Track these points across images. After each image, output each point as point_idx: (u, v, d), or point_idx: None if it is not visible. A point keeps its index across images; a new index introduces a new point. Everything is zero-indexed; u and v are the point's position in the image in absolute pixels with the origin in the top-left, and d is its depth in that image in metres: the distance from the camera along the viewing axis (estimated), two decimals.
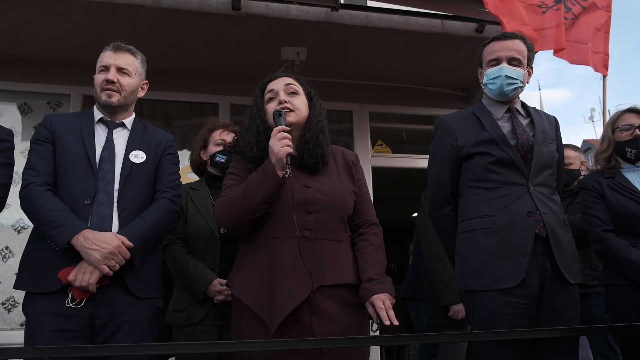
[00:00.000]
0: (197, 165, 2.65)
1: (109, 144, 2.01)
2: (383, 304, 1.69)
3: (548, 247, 1.95)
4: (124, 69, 2.08)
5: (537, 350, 1.93)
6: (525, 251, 1.92)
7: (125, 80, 2.07)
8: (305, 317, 1.66)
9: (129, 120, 2.12)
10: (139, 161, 2.02)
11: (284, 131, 1.75)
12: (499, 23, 4.13)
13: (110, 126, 2.07)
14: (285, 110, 1.84)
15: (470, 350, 3.37)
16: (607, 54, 3.64)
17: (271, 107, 1.89)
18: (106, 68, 2.06)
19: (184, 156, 4.47)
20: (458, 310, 3.24)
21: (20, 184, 1.92)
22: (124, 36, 2.28)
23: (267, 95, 1.92)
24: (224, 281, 2.31)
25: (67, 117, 2.08)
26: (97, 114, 2.08)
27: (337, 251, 1.80)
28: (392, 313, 1.69)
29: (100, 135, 2.04)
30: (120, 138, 2.06)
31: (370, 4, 4.24)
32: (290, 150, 1.72)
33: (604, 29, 3.69)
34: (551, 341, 1.89)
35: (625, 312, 2.09)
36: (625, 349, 2.12)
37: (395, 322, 1.66)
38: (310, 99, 1.97)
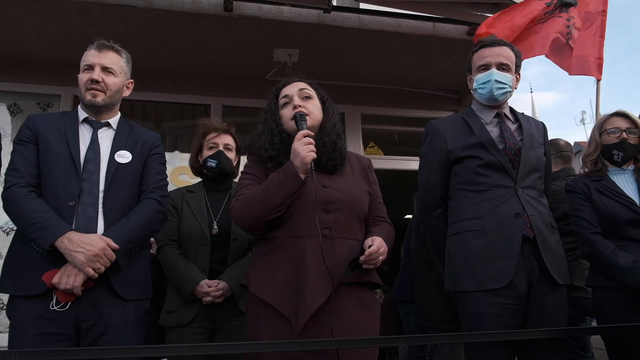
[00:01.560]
0: (196, 169, 2.66)
1: (94, 144, 1.97)
2: (378, 246, 1.75)
3: (535, 248, 1.99)
4: (108, 68, 2.03)
5: (525, 350, 1.96)
6: (513, 252, 1.95)
7: (110, 80, 2.03)
8: (324, 315, 1.68)
9: (114, 120, 2.08)
10: (125, 161, 1.98)
11: (308, 136, 1.78)
12: None
13: (95, 126, 2.02)
14: (304, 112, 1.86)
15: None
16: (601, 58, 3.64)
17: (286, 112, 1.91)
18: (90, 67, 2.01)
19: (174, 158, 4.47)
20: None
21: (4, 184, 1.88)
22: (115, 37, 2.27)
23: (282, 100, 1.95)
24: (212, 282, 2.33)
25: (50, 117, 2.03)
26: (82, 114, 2.04)
27: (354, 250, 1.82)
28: (378, 260, 1.76)
29: (84, 135, 1.99)
30: (106, 138, 2.02)
31: (362, 6, 4.26)
32: (315, 155, 1.75)
33: (599, 33, 3.70)
34: (539, 341, 1.91)
35: (612, 314, 2.10)
36: (612, 350, 2.14)
37: (371, 266, 1.77)
38: (323, 102, 2.00)
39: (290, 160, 1.78)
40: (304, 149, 1.73)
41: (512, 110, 2.28)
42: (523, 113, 2.30)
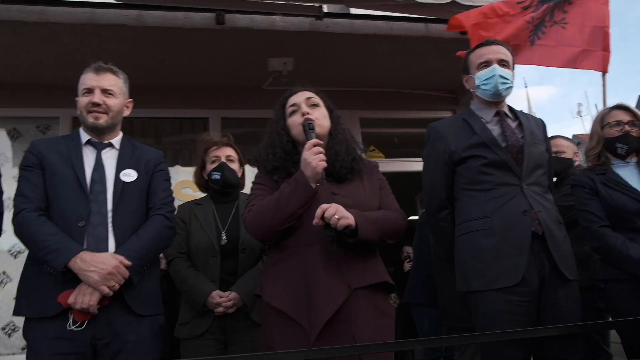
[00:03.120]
0: (202, 185, 2.70)
1: (99, 165, 2.00)
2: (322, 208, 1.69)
3: (545, 244, 1.98)
4: (108, 90, 2.04)
5: (541, 346, 1.95)
6: (523, 249, 1.95)
7: (111, 101, 2.04)
8: (340, 323, 1.68)
9: (116, 140, 2.10)
10: (130, 180, 2.00)
11: (317, 144, 1.78)
12: None
13: (99, 147, 2.04)
14: (312, 121, 1.87)
15: None
16: (607, 50, 3.55)
17: (294, 119, 1.92)
18: (90, 90, 2.02)
19: (176, 172, 4.47)
20: None
21: (13, 210, 1.90)
22: (110, 56, 2.27)
23: (290, 109, 1.96)
24: (223, 293, 2.34)
25: (53, 141, 2.07)
26: (84, 136, 2.06)
27: (365, 253, 1.82)
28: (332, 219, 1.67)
29: (89, 157, 2.02)
30: (110, 158, 2.04)
31: (353, 12, 4.27)
32: (325, 164, 1.76)
33: (603, 23, 3.61)
34: (554, 337, 1.90)
35: (626, 307, 2.09)
36: (627, 343, 2.12)
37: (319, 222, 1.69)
38: (330, 110, 2.01)
39: (301, 170, 1.78)
40: (315, 158, 1.74)
41: (510, 108, 2.28)
42: (522, 111, 2.30)
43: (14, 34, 3.54)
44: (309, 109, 1.91)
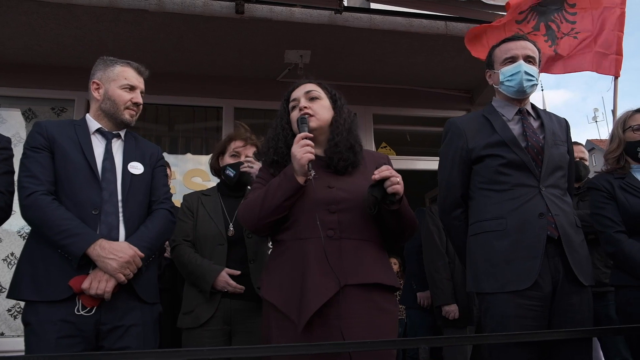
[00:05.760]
0: (215, 170, 2.73)
1: (109, 154, 2.03)
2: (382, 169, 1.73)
3: (560, 248, 1.95)
4: (143, 92, 2.16)
5: (550, 352, 1.92)
6: (537, 253, 1.91)
7: (141, 102, 2.15)
8: (333, 318, 1.68)
9: (122, 132, 2.15)
10: (138, 172, 2.06)
11: (307, 138, 1.80)
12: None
13: (108, 137, 2.08)
14: (307, 115, 1.88)
15: (475, 353, 3.41)
16: (620, 54, 3.53)
17: (294, 115, 1.94)
18: (132, 88, 2.11)
19: (187, 160, 4.48)
20: (450, 310, 3.35)
21: (20, 190, 1.89)
22: (128, 41, 2.29)
23: (292, 104, 1.98)
24: (232, 272, 2.35)
25: (62, 125, 2.07)
26: (93, 124, 2.08)
27: (363, 250, 1.80)
28: (392, 179, 1.72)
29: (97, 145, 2.04)
30: (117, 149, 2.09)
31: (373, 6, 4.23)
32: (312, 157, 1.76)
33: (616, 28, 3.58)
34: (564, 343, 1.87)
35: (636, 314, 2.06)
36: (637, 351, 2.09)
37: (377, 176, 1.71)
38: (334, 101, 2.00)
39: (291, 163, 1.80)
40: (300, 150, 1.76)
41: (533, 106, 2.23)
42: (545, 110, 2.25)
43: (35, 15, 3.55)
44: (307, 103, 1.92)
